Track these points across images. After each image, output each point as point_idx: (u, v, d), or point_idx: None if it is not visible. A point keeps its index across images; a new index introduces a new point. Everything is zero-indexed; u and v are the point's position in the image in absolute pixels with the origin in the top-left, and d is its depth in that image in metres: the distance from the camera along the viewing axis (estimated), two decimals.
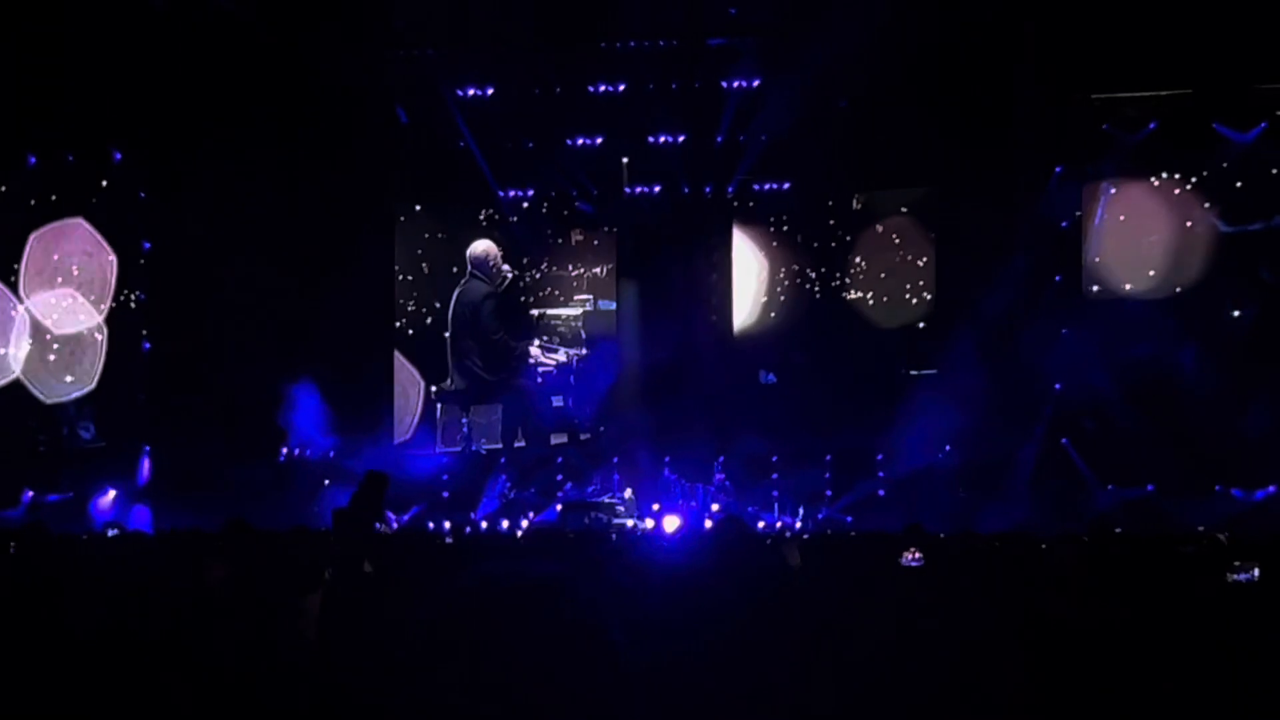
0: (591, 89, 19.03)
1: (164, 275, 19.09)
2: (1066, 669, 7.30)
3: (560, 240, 20.39)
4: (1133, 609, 7.78)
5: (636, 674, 6.60)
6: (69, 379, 19.13)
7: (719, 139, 19.34)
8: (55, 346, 19.15)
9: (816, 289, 20.07)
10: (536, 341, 19.46)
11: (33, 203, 19.18)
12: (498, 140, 19.31)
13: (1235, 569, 9.31)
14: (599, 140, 19.59)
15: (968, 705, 7.17)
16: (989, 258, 18.30)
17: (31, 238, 19.11)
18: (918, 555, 9.67)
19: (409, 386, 19.80)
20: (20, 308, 18.98)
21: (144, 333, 19.27)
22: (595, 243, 20.38)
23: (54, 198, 19.16)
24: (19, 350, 19.02)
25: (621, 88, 18.95)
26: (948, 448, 18.48)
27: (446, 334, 19.42)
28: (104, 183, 19.17)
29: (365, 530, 9.71)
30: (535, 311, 19.87)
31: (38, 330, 19.14)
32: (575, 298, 20.04)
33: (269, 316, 18.75)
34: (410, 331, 20.13)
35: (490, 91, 19.03)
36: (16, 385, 18.96)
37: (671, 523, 16.46)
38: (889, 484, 18.56)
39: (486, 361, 18.92)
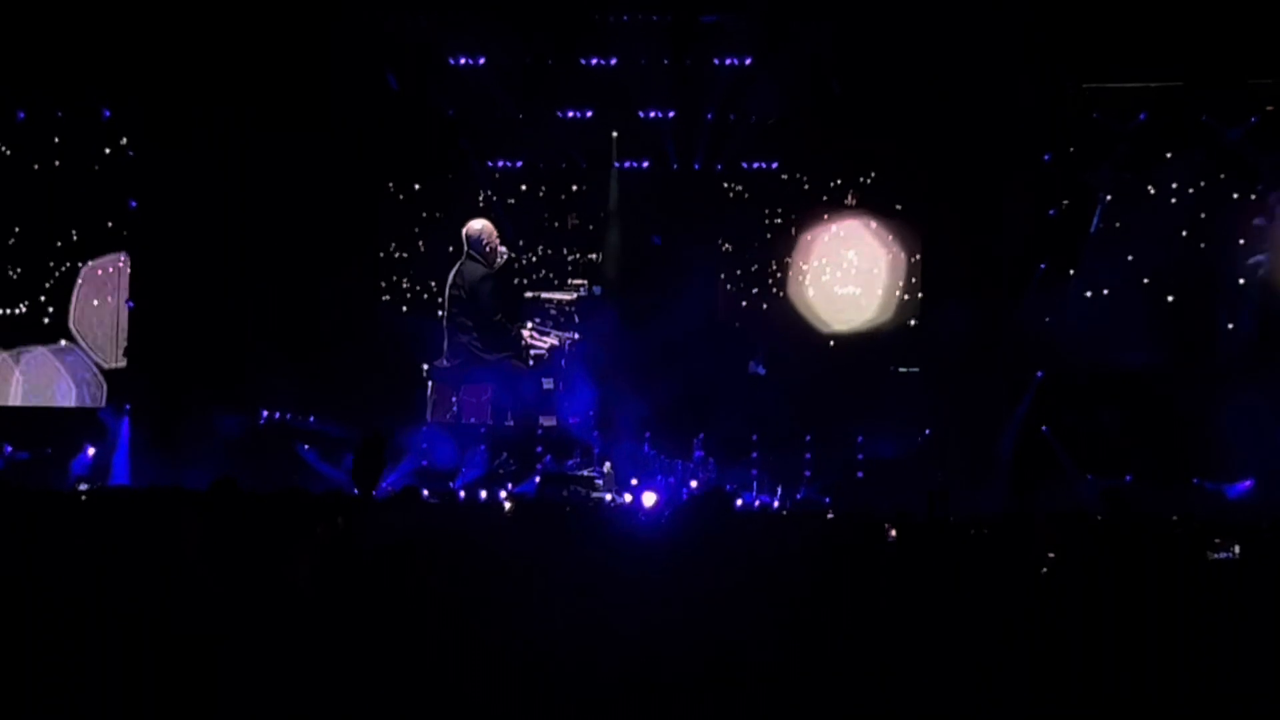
0: (583, 61, 19.16)
1: (150, 235, 19.12)
2: (1055, 648, 7.34)
3: (556, 224, 20.51)
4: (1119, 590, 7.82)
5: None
6: None
7: (709, 116, 19.46)
8: None
9: (806, 282, 20.21)
10: (529, 324, 19.45)
11: (36, 167, 19.39)
12: (488, 110, 19.42)
13: (1216, 547, 9.35)
14: (589, 114, 19.72)
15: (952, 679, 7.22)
16: (976, 247, 18.40)
17: None
18: (893, 532, 9.72)
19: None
20: None
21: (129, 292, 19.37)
22: (590, 227, 20.47)
23: (56, 163, 19.35)
24: None
25: (613, 61, 19.07)
26: (928, 431, 18.63)
27: (441, 313, 19.41)
28: (105, 148, 19.32)
29: (366, 491, 9.78)
30: (529, 294, 19.92)
31: None
32: (569, 282, 20.10)
33: (254, 280, 18.85)
34: (404, 309, 20.28)
35: (483, 61, 19.18)
36: None
37: (649, 499, 16.47)
38: (868, 466, 18.63)
39: (485, 342, 18.89)
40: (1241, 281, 18.52)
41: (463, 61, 19.18)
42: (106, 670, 6.98)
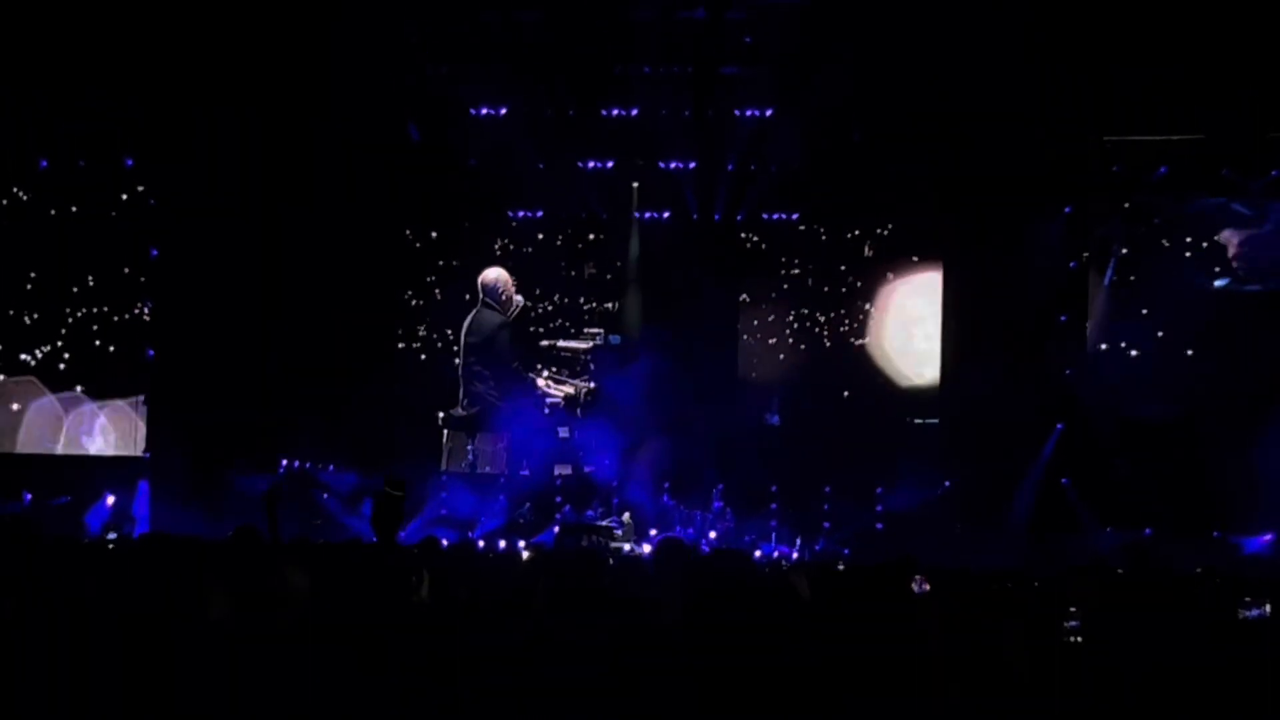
0: (604, 112, 19.23)
1: (171, 284, 19.14)
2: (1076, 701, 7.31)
3: (573, 273, 20.54)
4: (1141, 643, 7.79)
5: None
6: None
7: (730, 167, 19.52)
8: None
9: (825, 334, 20.26)
10: (545, 373, 19.42)
11: (53, 212, 19.42)
12: (510, 160, 19.48)
13: (1246, 605, 9.29)
14: (610, 164, 19.79)
15: None
16: (996, 299, 18.43)
17: None
18: (925, 584, 9.67)
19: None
20: None
21: (149, 341, 19.38)
22: (608, 277, 20.50)
23: (74, 209, 19.39)
24: None
25: (634, 112, 19.15)
26: (947, 484, 18.59)
27: (457, 360, 19.42)
28: (123, 195, 19.36)
29: (386, 539, 9.76)
30: (545, 342, 19.90)
31: None
32: (586, 330, 20.07)
33: (273, 328, 18.87)
34: (423, 356, 20.34)
35: (504, 111, 19.25)
36: None
37: None
38: (887, 517, 18.58)
39: (500, 391, 18.85)
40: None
41: (484, 112, 19.26)
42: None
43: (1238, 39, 16.71)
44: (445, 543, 15.62)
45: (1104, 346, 18.85)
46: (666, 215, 20.24)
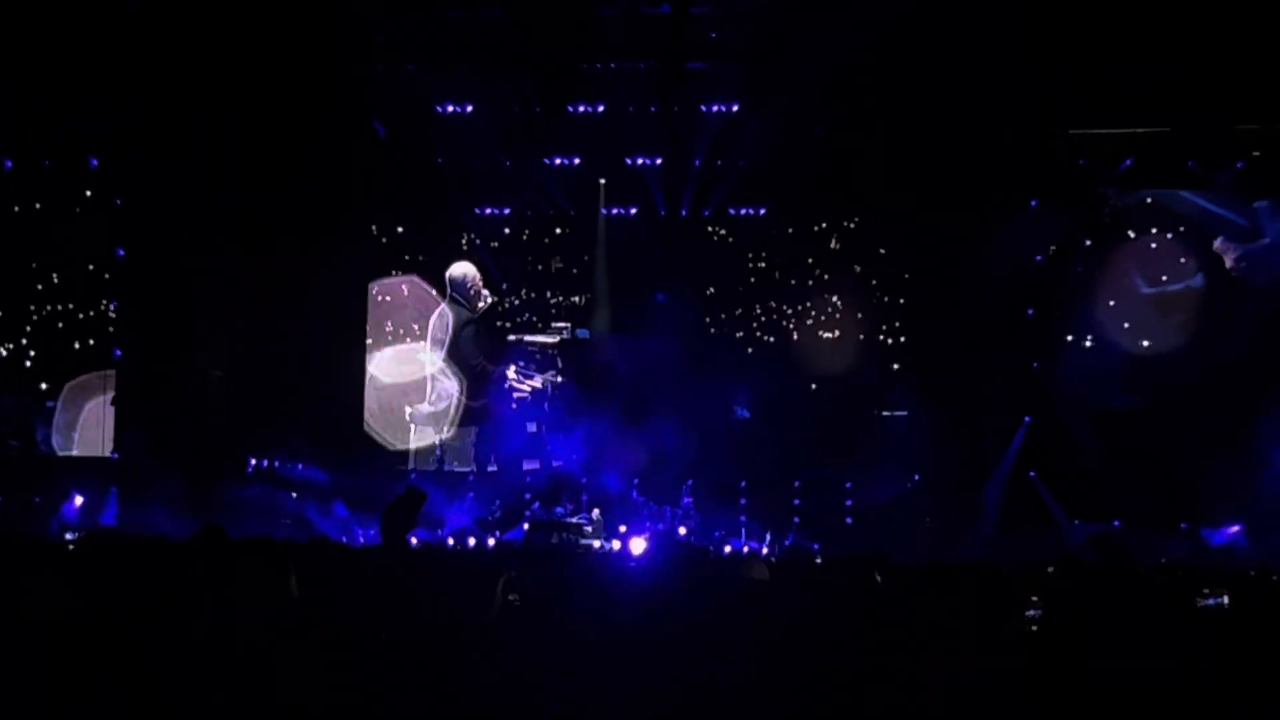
0: (571, 109, 19.21)
1: (137, 283, 19.03)
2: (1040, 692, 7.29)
3: (540, 267, 20.52)
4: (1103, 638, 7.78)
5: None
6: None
7: (696, 162, 19.53)
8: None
9: (792, 327, 20.29)
10: (513, 367, 19.41)
11: (16, 209, 19.33)
12: (476, 158, 19.45)
13: (1205, 595, 9.31)
14: (577, 160, 19.79)
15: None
16: (963, 293, 18.45)
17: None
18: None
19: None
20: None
21: (115, 340, 19.29)
22: (574, 271, 20.49)
23: (37, 206, 19.30)
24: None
25: (601, 109, 19.14)
26: (916, 477, 18.62)
27: (423, 356, 19.42)
28: (87, 192, 19.27)
29: (398, 542, 9.71)
30: (512, 337, 19.89)
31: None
32: (553, 325, 20.08)
33: (242, 328, 18.80)
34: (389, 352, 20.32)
35: (470, 109, 19.21)
36: None
37: (638, 545, 16.41)
38: (857, 512, 18.61)
39: (466, 386, 18.87)
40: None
41: (450, 109, 19.23)
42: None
43: (1203, 32, 16.73)
44: (415, 541, 15.69)
45: (1071, 339, 18.88)
46: (634, 211, 20.28)
